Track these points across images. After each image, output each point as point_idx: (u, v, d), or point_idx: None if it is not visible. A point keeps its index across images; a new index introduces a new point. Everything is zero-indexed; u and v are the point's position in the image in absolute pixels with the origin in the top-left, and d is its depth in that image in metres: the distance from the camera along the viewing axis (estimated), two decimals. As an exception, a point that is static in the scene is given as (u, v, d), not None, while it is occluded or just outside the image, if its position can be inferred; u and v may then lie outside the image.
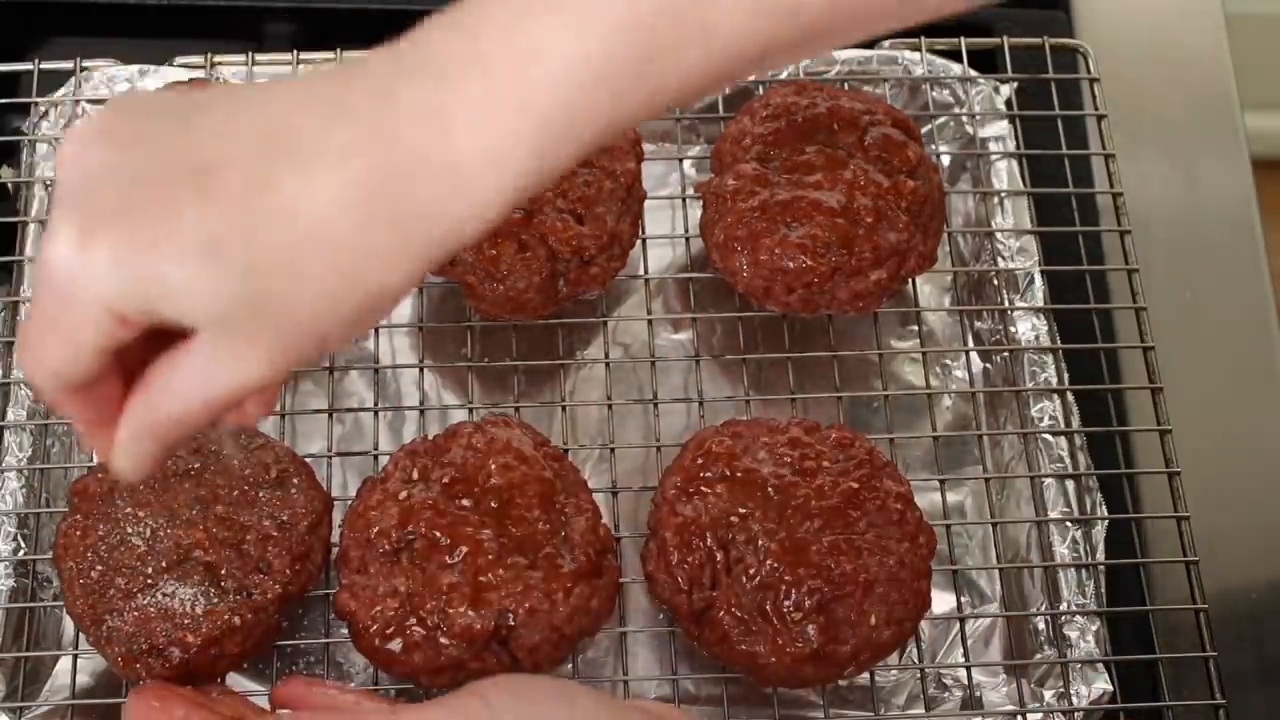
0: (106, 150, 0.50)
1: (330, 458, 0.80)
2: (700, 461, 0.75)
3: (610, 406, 0.82)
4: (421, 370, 0.83)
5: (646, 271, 0.86)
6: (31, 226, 0.85)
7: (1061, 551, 0.78)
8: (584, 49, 0.50)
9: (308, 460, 0.76)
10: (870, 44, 0.91)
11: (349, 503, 0.75)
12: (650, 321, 0.85)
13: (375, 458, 0.80)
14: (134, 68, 0.90)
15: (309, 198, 0.49)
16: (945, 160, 0.91)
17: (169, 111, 0.52)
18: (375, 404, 0.82)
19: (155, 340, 0.52)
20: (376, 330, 0.85)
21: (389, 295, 0.52)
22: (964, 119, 0.91)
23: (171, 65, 0.90)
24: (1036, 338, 0.84)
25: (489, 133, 0.50)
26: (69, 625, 0.76)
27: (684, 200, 0.88)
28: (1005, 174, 0.89)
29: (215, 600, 0.70)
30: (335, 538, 0.75)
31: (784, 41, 0.53)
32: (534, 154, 0.51)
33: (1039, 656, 0.77)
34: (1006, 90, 0.92)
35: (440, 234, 0.51)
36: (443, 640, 0.69)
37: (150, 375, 0.53)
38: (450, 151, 0.50)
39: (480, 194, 0.51)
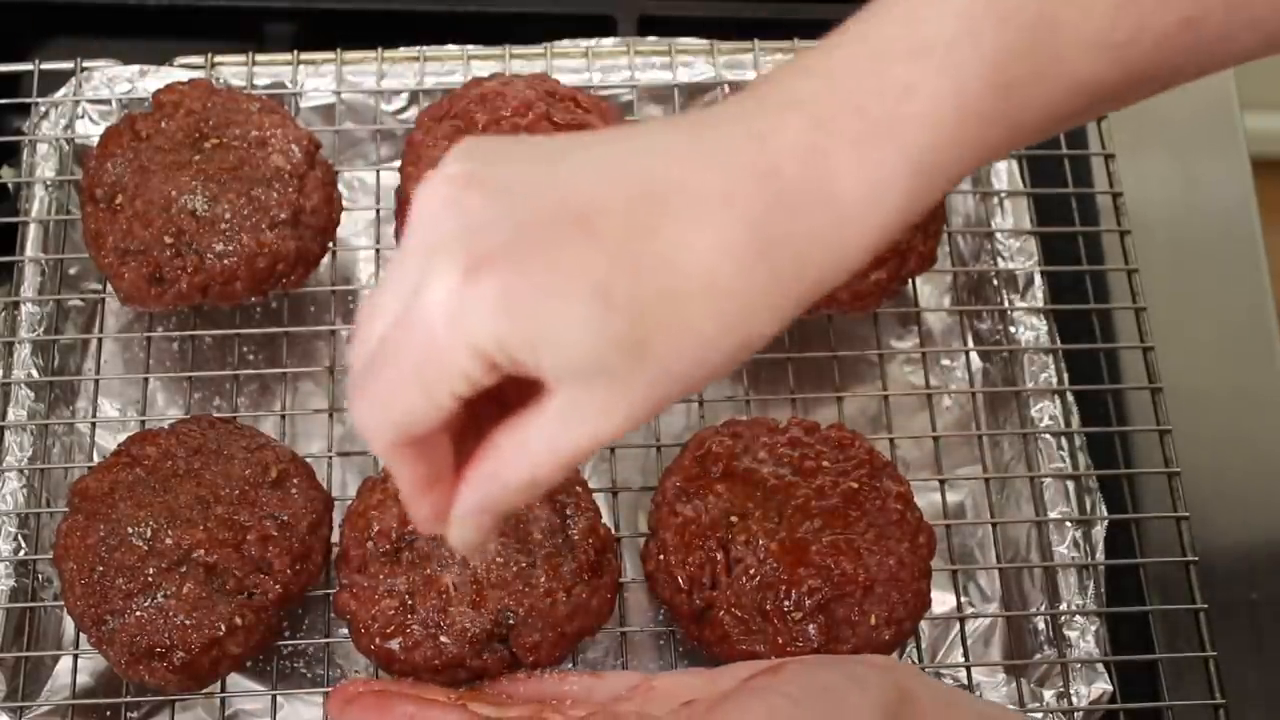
0: (482, 196, 0.49)
1: (330, 458, 0.80)
2: (700, 461, 0.75)
3: (610, 406, 0.82)
4: (422, 370, 0.83)
5: (646, 272, 0.85)
6: (32, 227, 0.85)
7: (1061, 551, 0.78)
8: (952, 85, 0.51)
9: (308, 460, 0.76)
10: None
11: (349, 503, 0.75)
12: (650, 321, 0.85)
13: (375, 458, 0.80)
14: (134, 68, 0.90)
15: (693, 244, 0.49)
16: (945, 160, 0.91)
17: (532, 158, 0.51)
18: (375, 404, 0.82)
19: (478, 409, 0.52)
20: (377, 330, 0.85)
21: (760, 341, 0.51)
22: (964, 119, 0.91)
23: (171, 65, 0.90)
24: (1036, 338, 0.84)
25: (869, 171, 0.50)
26: (69, 625, 0.76)
27: (684, 200, 0.88)
28: (1005, 174, 0.89)
29: (216, 601, 0.70)
30: (335, 538, 0.75)
31: (1126, 79, 0.54)
32: (908, 191, 0.51)
33: (1039, 656, 0.77)
34: (1006, 90, 0.92)
35: (818, 275, 0.51)
36: (443, 639, 0.69)
37: (498, 440, 0.51)
38: (832, 191, 0.50)
39: (859, 233, 0.51)
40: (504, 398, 0.51)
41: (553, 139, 0.53)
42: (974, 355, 0.87)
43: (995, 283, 0.87)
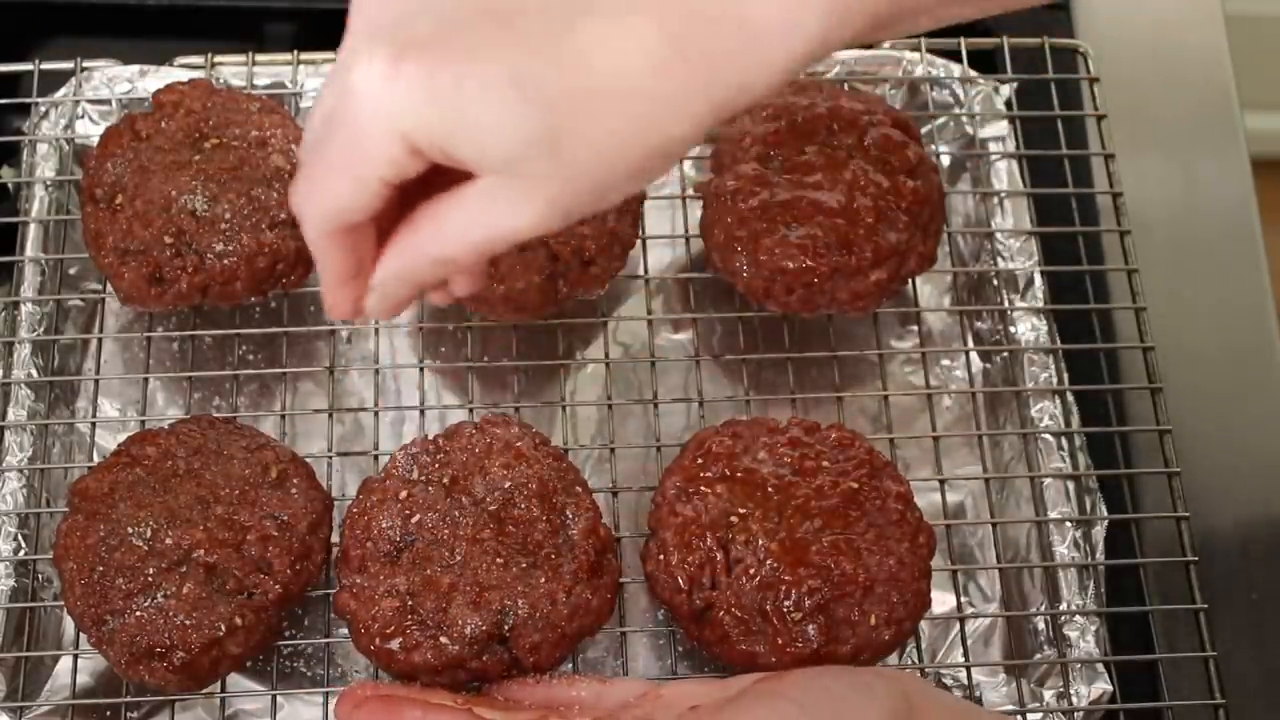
0: None
1: (330, 458, 0.80)
2: (700, 461, 0.75)
3: (610, 406, 0.82)
4: (421, 370, 0.83)
5: (646, 271, 0.86)
6: (32, 227, 0.85)
7: (1061, 551, 0.78)
8: None
9: (308, 460, 0.76)
10: (869, 44, 0.91)
11: (349, 503, 0.75)
12: (650, 321, 0.85)
13: (375, 458, 0.80)
14: (134, 68, 0.90)
15: (608, 44, 0.51)
16: (945, 160, 0.91)
17: None
18: (375, 404, 0.82)
19: (411, 200, 0.54)
20: (376, 330, 0.85)
21: (675, 146, 0.53)
22: (964, 119, 0.91)
23: (171, 65, 0.90)
24: (1036, 338, 0.84)
25: None
26: (69, 625, 0.76)
27: (684, 200, 0.88)
28: (1005, 174, 0.89)
29: (216, 601, 0.70)
30: (335, 538, 0.75)
31: None
32: (820, 24, 0.52)
33: (1039, 656, 0.77)
34: (1006, 90, 0.92)
35: (730, 90, 0.52)
36: (443, 640, 0.69)
37: (420, 215, 0.54)
38: (747, 12, 0.51)
39: (770, 57, 0.52)
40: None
41: None
42: (974, 355, 0.87)
43: (995, 283, 0.87)
